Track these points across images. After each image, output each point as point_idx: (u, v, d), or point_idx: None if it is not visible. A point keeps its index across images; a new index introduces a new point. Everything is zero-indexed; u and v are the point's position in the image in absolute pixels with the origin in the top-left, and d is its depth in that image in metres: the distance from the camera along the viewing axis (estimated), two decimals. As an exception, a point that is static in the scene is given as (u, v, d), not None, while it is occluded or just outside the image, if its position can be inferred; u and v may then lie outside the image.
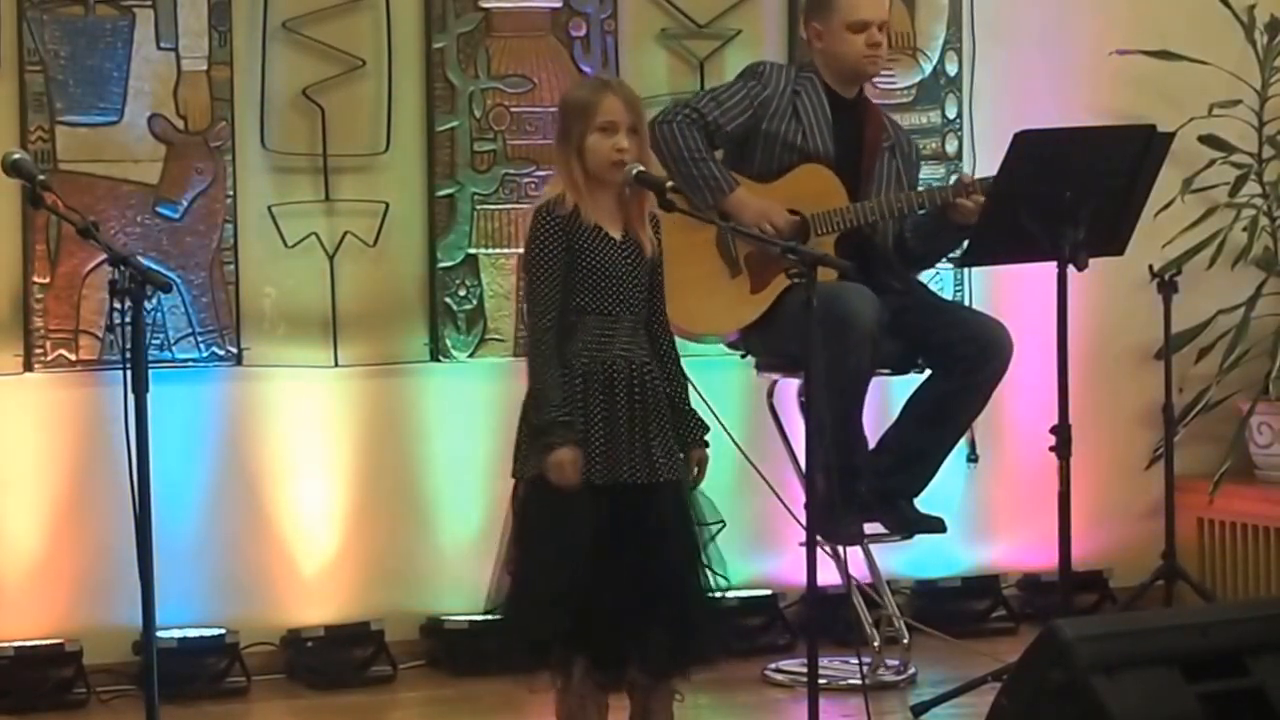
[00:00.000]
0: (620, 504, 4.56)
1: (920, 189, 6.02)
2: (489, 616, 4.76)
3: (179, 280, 5.87)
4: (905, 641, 5.90)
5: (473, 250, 6.22)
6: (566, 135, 4.64)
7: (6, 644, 5.73)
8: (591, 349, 4.59)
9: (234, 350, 5.99)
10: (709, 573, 4.66)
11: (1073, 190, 5.23)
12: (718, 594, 4.69)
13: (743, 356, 5.98)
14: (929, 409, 5.81)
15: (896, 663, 5.88)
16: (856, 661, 5.44)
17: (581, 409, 4.56)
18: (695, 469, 4.68)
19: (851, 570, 5.85)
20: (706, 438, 4.69)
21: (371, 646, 6.02)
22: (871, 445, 5.84)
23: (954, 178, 6.15)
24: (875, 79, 6.10)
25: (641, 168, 4.61)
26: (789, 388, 5.99)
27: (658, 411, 4.61)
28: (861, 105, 5.98)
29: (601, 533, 4.54)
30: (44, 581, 5.86)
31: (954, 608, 6.51)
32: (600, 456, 4.55)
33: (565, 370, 4.58)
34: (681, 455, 4.65)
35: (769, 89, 5.85)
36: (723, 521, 4.70)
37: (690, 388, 4.73)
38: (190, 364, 5.95)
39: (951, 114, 6.71)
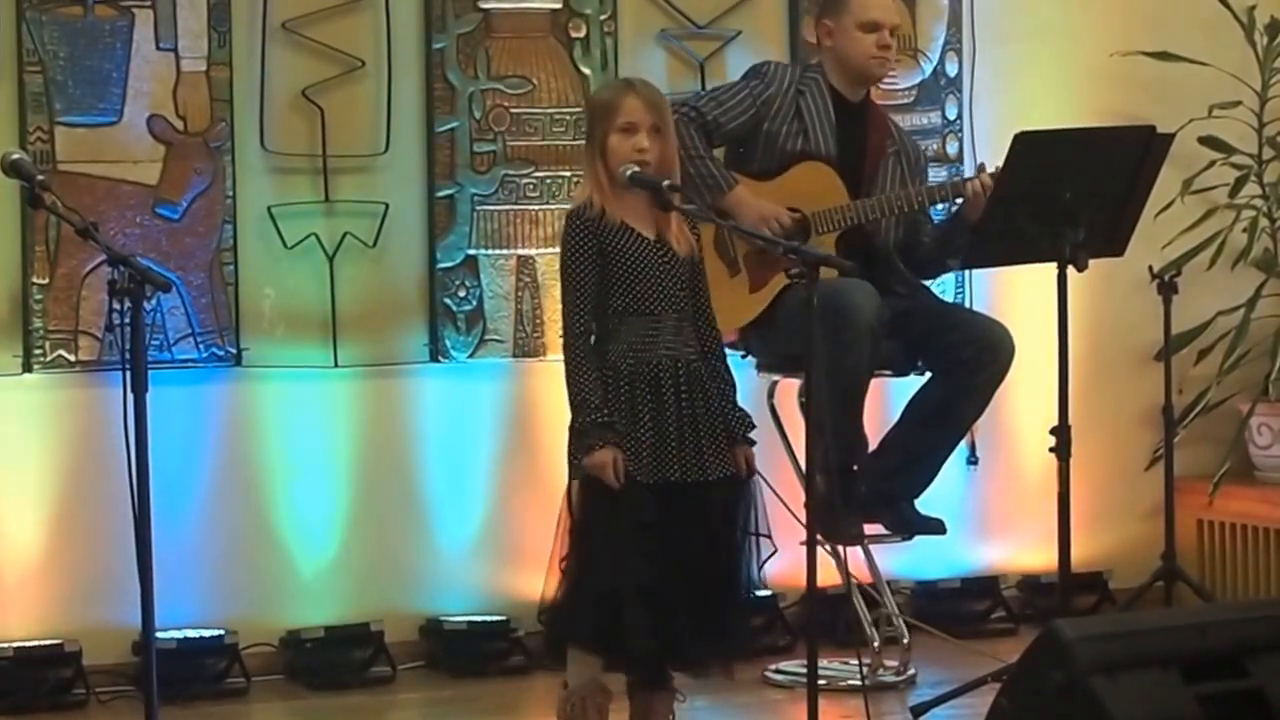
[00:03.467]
0: (671, 502, 4.57)
1: (922, 185, 6.00)
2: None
3: (178, 281, 5.86)
4: (905, 642, 5.90)
5: (472, 251, 6.22)
6: (591, 136, 4.68)
7: (6, 644, 5.73)
8: (636, 349, 4.61)
9: (233, 351, 5.99)
10: (749, 571, 4.68)
11: (1072, 191, 5.23)
12: (752, 594, 4.73)
13: (743, 356, 5.98)
14: (930, 410, 5.81)
15: (896, 663, 5.88)
16: (856, 662, 5.44)
17: (628, 410, 4.58)
18: (744, 465, 4.69)
19: (851, 571, 5.85)
20: (751, 435, 4.71)
21: (371, 647, 6.02)
22: (873, 447, 5.84)
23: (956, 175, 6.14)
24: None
25: (636, 168, 4.61)
26: (789, 388, 5.98)
27: (707, 408, 4.63)
28: (867, 109, 5.97)
29: (651, 531, 4.55)
30: (43, 582, 5.86)
31: (954, 608, 6.51)
32: (649, 456, 4.57)
33: (611, 372, 4.60)
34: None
35: (772, 88, 5.85)
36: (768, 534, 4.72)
37: (734, 385, 4.75)
38: (189, 364, 5.94)
39: (952, 115, 6.71)
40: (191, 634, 5.85)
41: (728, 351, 5.89)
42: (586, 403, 4.57)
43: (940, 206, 5.99)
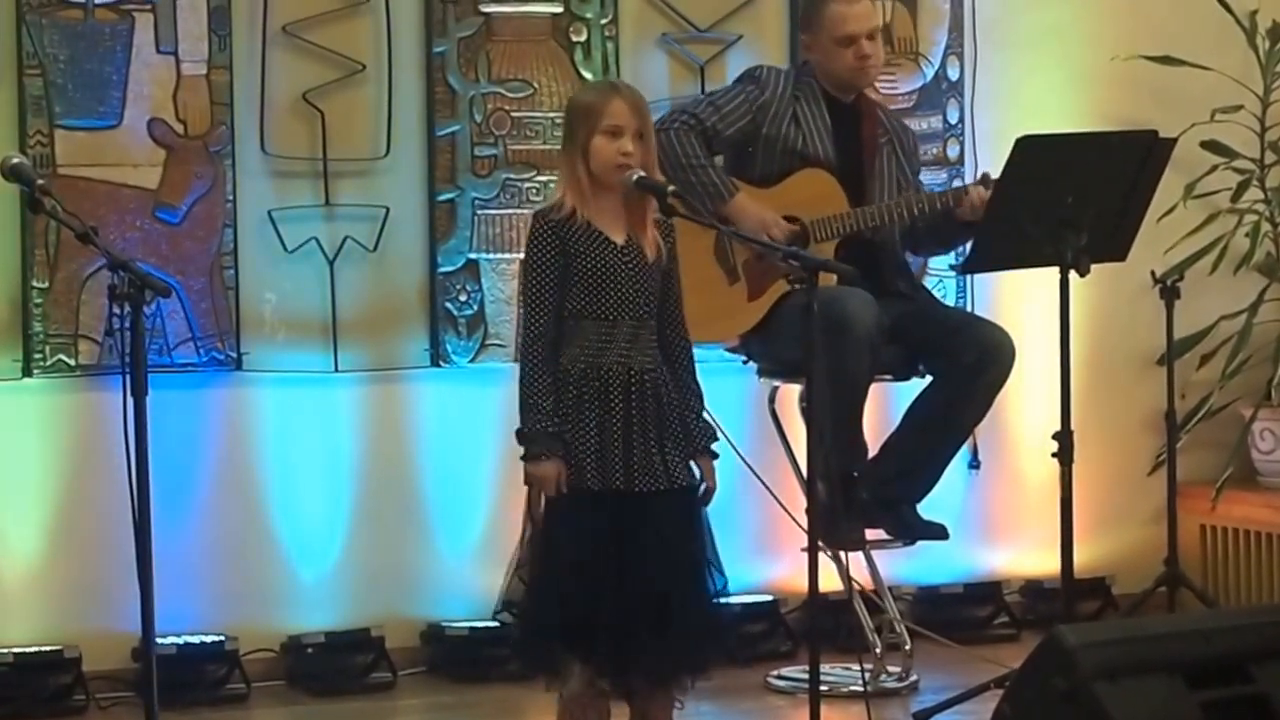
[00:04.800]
0: (626, 509, 4.53)
1: (921, 192, 5.99)
2: (495, 619, 4.75)
3: (178, 285, 5.85)
4: (907, 648, 5.88)
5: (473, 255, 6.21)
6: (572, 137, 4.63)
7: (5, 650, 5.72)
8: (588, 354, 4.57)
9: (233, 355, 5.98)
10: (714, 579, 4.64)
11: (1075, 196, 5.22)
12: (721, 601, 4.68)
13: (745, 362, 5.97)
14: (931, 415, 5.80)
15: (898, 669, 5.86)
16: (858, 668, 5.43)
17: (574, 414, 4.54)
18: (701, 475, 4.64)
19: (853, 576, 5.84)
20: (714, 447, 4.66)
21: (372, 653, 6.01)
22: (874, 452, 5.83)
23: (964, 185, 6.13)
24: (877, 83, 6.11)
25: (642, 173, 4.59)
26: (790, 394, 5.97)
27: (664, 417, 4.59)
28: (858, 105, 5.97)
29: (601, 538, 4.52)
30: (43, 587, 5.85)
31: (956, 614, 6.50)
32: (593, 462, 4.53)
33: (561, 375, 4.57)
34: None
35: (767, 93, 5.84)
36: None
37: (701, 397, 4.69)
38: (190, 369, 5.94)
39: (953, 119, 6.70)
40: (192, 640, 5.84)
41: (728, 357, 5.94)
42: (537, 407, 4.54)
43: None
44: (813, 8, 5.91)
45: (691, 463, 4.61)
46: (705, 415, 4.66)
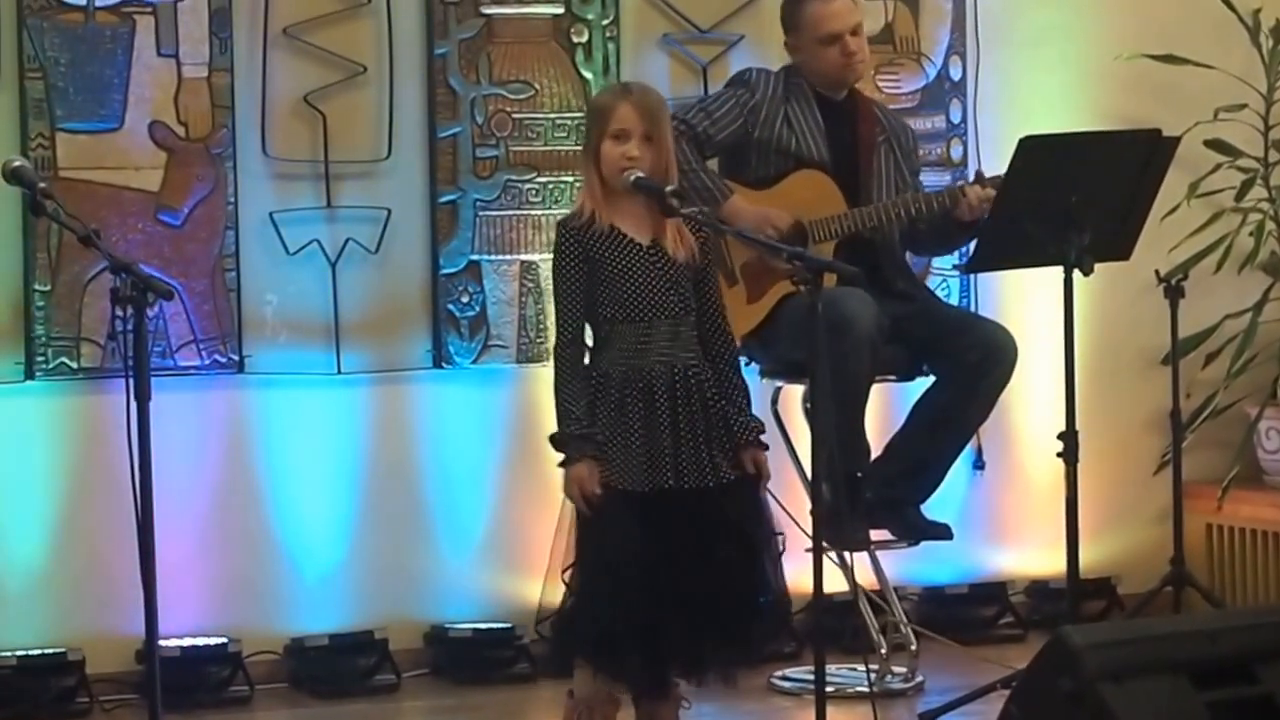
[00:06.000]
0: (669, 509, 4.54)
1: (919, 191, 5.97)
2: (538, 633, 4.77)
3: (180, 287, 5.85)
4: (913, 649, 5.87)
5: (475, 256, 6.20)
6: (587, 140, 4.67)
7: (9, 653, 5.72)
8: (627, 357, 4.58)
9: (236, 358, 5.98)
10: (765, 575, 4.64)
11: (1078, 195, 5.21)
12: (770, 597, 4.69)
13: (747, 364, 5.95)
14: (935, 415, 5.79)
15: (904, 670, 5.85)
16: (864, 669, 5.41)
17: (618, 418, 4.55)
18: (752, 469, 4.65)
19: (858, 577, 5.83)
20: (762, 438, 4.68)
21: (375, 655, 6.00)
22: (878, 452, 5.82)
23: (959, 183, 6.13)
24: (879, 82, 6.09)
25: (639, 174, 4.60)
26: (793, 394, 5.96)
27: (708, 414, 4.60)
28: (852, 103, 5.95)
29: (646, 541, 4.52)
30: (46, 590, 5.85)
31: (961, 614, 6.49)
32: (640, 464, 4.54)
33: (602, 379, 4.58)
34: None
35: (758, 96, 5.83)
36: (781, 532, 4.71)
37: (746, 392, 4.72)
38: (192, 371, 5.93)
39: (956, 119, 6.69)
40: (195, 642, 5.83)
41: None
42: (568, 413, 4.57)
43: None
44: (792, 9, 5.89)
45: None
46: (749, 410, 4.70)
